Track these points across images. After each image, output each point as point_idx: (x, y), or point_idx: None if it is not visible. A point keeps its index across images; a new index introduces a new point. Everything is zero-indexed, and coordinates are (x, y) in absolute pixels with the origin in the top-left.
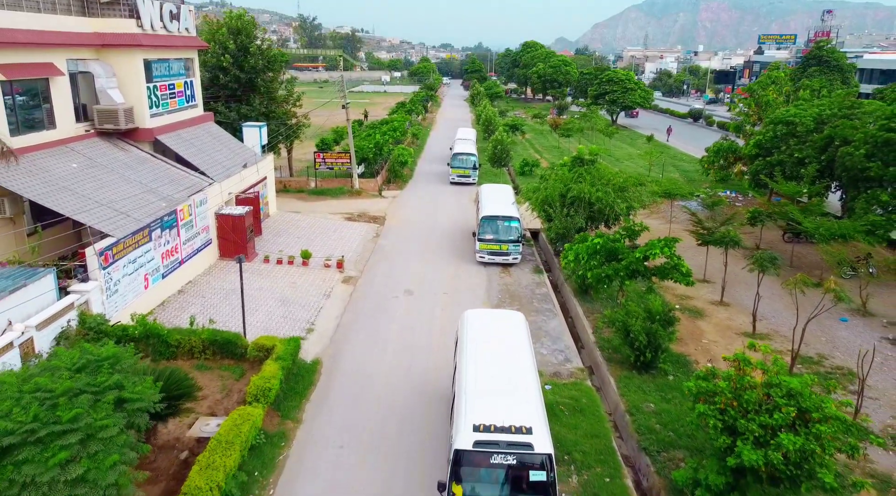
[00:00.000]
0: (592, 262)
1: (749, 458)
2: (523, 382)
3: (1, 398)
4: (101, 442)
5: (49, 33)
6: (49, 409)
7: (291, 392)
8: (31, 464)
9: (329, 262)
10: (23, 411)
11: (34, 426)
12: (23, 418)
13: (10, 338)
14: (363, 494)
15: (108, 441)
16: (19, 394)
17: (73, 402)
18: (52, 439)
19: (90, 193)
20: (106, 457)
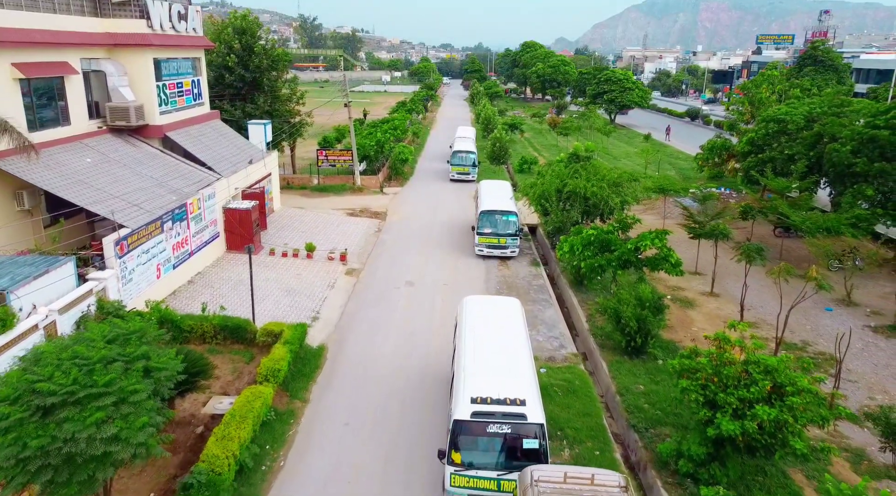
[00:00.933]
0: (586, 253)
1: (727, 429)
2: (518, 361)
3: (43, 364)
4: (132, 405)
5: (64, 33)
6: (86, 374)
7: (299, 374)
8: (72, 423)
9: (332, 255)
10: (63, 375)
11: (74, 388)
12: (63, 381)
13: (35, 321)
14: (368, 466)
15: (137, 405)
16: (59, 361)
17: (107, 369)
18: (90, 401)
19: (105, 187)
20: (136, 418)
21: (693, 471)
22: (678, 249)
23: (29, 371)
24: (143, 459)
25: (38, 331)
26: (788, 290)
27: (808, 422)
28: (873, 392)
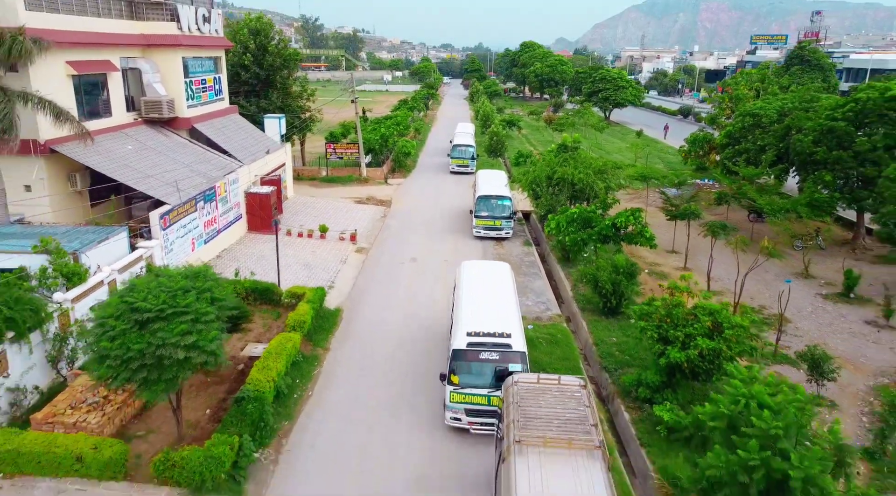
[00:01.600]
0: (570, 229)
1: (675, 357)
2: (506, 309)
3: (137, 291)
4: (204, 323)
5: (107, 34)
6: (171, 298)
7: (319, 329)
8: (162, 332)
9: (343, 236)
10: (154, 298)
11: (163, 307)
12: (154, 303)
13: (101, 277)
14: (381, 397)
15: (208, 323)
16: (149, 289)
17: (185, 295)
18: (174, 317)
19: (146, 170)
20: (208, 332)
21: (650, 397)
22: (658, 231)
23: (126, 296)
24: (211, 366)
25: (104, 286)
26: (760, 267)
27: (740, 351)
28: (813, 343)
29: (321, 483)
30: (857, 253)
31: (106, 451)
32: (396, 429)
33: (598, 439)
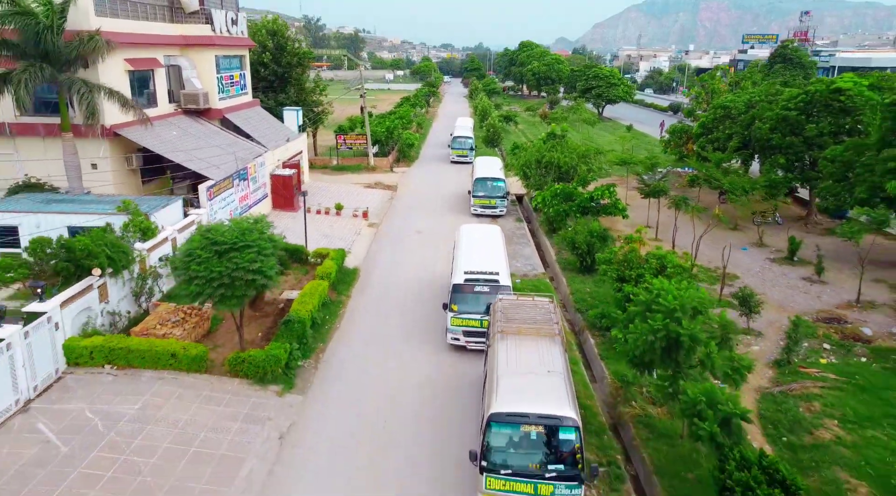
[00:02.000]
0: (554, 202)
1: (628, 290)
2: (496, 256)
3: (215, 230)
4: (265, 255)
5: (154, 36)
6: (241, 235)
7: (342, 282)
8: (235, 260)
9: (356, 213)
10: (229, 234)
11: (235, 240)
12: (228, 238)
13: (167, 234)
14: (394, 329)
15: (267, 255)
16: (225, 228)
17: (251, 233)
18: (243, 249)
19: (190, 151)
20: (268, 262)
21: (609, 325)
22: (635, 210)
23: (207, 234)
24: (269, 288)
25: (168, 241)
26: (719, 236)
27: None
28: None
29: (351, 383)
30: (809, 227)
31: (192, 351)
32: (408, 349)
33: (558, 329)
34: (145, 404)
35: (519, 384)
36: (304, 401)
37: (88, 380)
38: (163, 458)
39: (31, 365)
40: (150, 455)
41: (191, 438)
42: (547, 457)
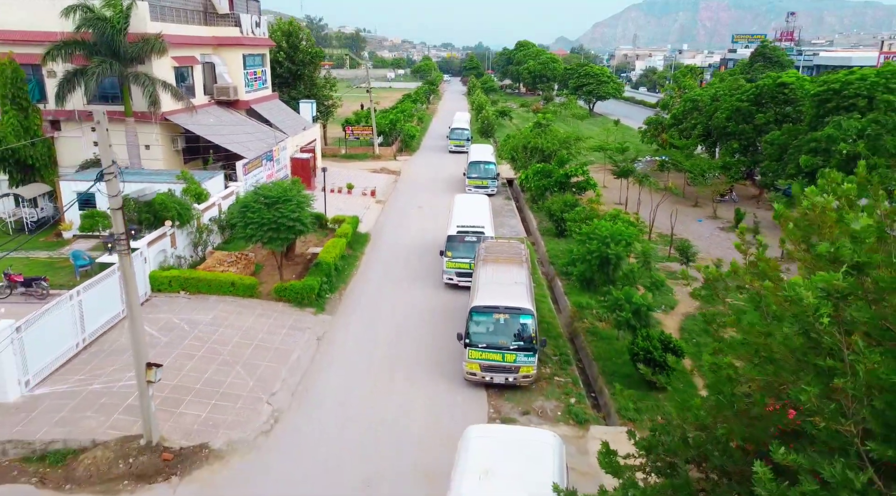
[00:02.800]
0: (535, 178)
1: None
2: (483, 216)
3: (264, 188)
4: (301, 207)
5: (193, 37)
6: (283, 192)
7: (356, 243)
8: (280, 210)
9: (365, 192)
10: (274, 190)
11: (279, 195)
12: (274, 194)
13: (213, 201)
14: (401, 274)
15: (303, 207)
16: (271, 188)
17: (291, 191)
18: (286, 202)
19: (226, 135)
20: (303, 212)
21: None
22: (610, 190)
23: (257, 191)
24: (305, 234)
25: (215, 206)
26: (682, 212)
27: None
28: (702, 254)
29: (368, 308)
30: (760, 203)
31: (246, 281)
32: (412, 288)
33: (525, 258)
34: (215, 316)
35: (493, 289)
36: (332, 319)
37: (169, 300)
38: (235, 347)
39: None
40: (226, 345)
41: (252, 337)
42: (511, 335)
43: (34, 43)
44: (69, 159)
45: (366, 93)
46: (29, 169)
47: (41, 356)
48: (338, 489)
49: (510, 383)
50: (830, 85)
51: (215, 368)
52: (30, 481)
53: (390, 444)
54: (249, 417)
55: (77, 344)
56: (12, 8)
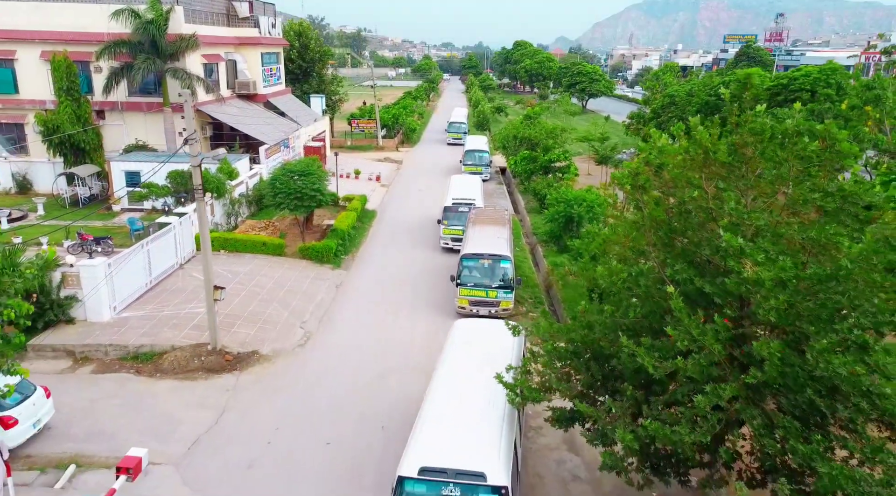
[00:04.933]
0: (522, 163)
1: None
2: (475, 191)
3: (290, 164)
4: (320, 179)
5: (219, 37)
6: (305, 166)
7: (364, 218)
8: (304, 181)
9: (371, 177)
10: (299, 166)
11: (303, 170)
12: (299, 168)
13: (242, 179)
14: (404, 241)
15: (322, 180)
16: (294, 165)
17: (311, 166)
18: (308, 174)
19: (249, 124)
20: (322, 184)
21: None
22: (594, 177)
23: (285, 166)
24: (324, 203)
25: (243, 184)
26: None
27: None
28: None
29: (377, 266)
30: None
31: (275, 242)
32: (413, 251)
33: (507, 220)
34: (251, 268)
35: (480, 241)
36: (348, 273)
37: (214, 257)
38: (270, 290)
39: (181, 243)
40: (263, 288)
41: (283, 284)
42: (493, 276)
43: (83, 42)
44: (112, 144)
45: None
46: (81, 152)
47: (124, 289)
48: (359, 379)
49: (493, 315)
50: (780, 80)
51: (257, 304)
52: (128, 372)
53: (397, 353)
54: (287, 335)
55: (146, 283)
56: (64, 11)
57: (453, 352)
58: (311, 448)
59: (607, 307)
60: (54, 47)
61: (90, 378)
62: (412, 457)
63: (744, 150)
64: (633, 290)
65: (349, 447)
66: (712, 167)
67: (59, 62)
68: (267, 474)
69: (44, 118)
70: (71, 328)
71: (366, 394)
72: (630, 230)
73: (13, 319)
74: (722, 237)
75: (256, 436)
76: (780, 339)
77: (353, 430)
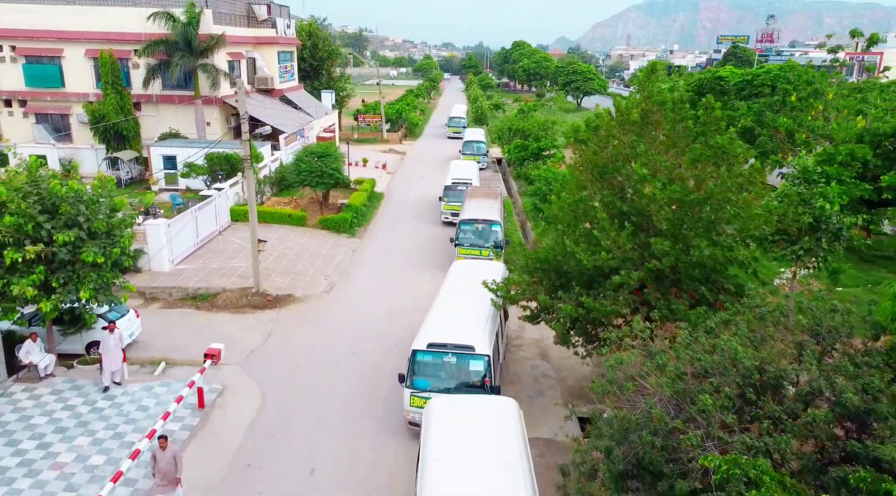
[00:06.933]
0: (515, 151)
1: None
2: (472, 173)
3: (311, 147)
4: (338, 160)
5: (241, 37)
6: (325, 149)
7: (374, 199)
8: (323, 161)
9: (377, 166)
10: (319, 148)
11: (320, 151)
12: (319, 150)
13: (266, 162)
14: (409, 218)
15: (339, 160)
16: (315, 147)
17: (329, 149)
18: (327, 156)
19: (268, 114)
20: (340, 165)
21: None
22: None
23: (307, 148)
24: (341, 181)
25: (267, 167)
26: None
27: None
28: None
29: (386, 236)
30: None
31: (299, 214)
32: (418, 225)
33: (498, 194)
34: (279, 235)
35: (474, 209)
36: (361, 241)
37: (244, 226)
38: (297, 253)
39: (219, 213)
40: (291, 251)
41: (307, 248)
42: (485, 237)
43: (122, 41)
44: (147, 133)
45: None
46: (122, 139)
47: (178, 247)
48: (374, 314)
49: None
50: (745, 76)
51: (287, 261)
52: (190, 308)
53: (406, 296)
54: (315, 284)
55: (194, 244)
56: (106, 13)
57: (453, 279)
58: (341, 356)
59: (559, 226)
60: (97, 46)
61: (160, 312)
62: (422, 337)
63: (650, 115)
64: (576, 212)
65: (370, 356)
66: (627, 125)
67: (105, 59)
68: (308, 373)
69: (91, 109)
70: (139, 275)
71: (381, 324)
72: (574, 171)
73: (128, 266)
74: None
75: (298, 349)
76: (672, 242)
77: (373, 346)
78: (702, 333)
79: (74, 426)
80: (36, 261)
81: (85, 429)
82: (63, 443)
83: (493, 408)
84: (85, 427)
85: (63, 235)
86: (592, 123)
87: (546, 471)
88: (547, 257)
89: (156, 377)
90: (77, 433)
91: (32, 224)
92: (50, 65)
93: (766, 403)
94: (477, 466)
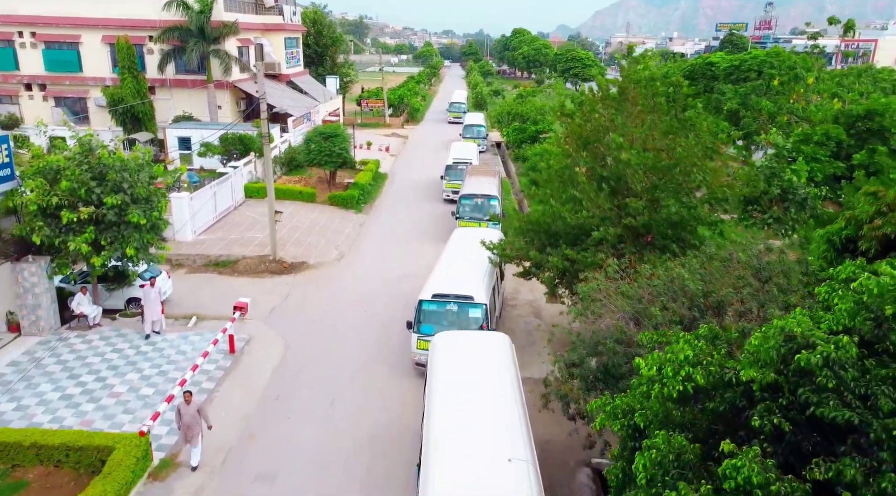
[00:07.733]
0: (513, 133)
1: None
2: (471, 154)
3: (321, 128)
4: (346, 141)
5: (249, 24)
6: (334, 130)
7: (378, 179)
8: (332, 142)
9: (381, 148)
10: (328, 129)
11: (331, 132)
12: (328, 131)
13: (276, 144)
14: (411, 197)
15: (347, 141)
16: (324, 128)
17: (338, 130)
18: (335, 137)
19: (278, 97)
20: (347, 145)
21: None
22: None
23: (318, 130)
24: (348, 161)
25: (277, 148)
26: None
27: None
28: None
29: (390, 213)
30: None
31: (309, 190)
32: (420, 202)
33: (496, 172)
34: (291, 210)
35: (474, 185)
36: (367, 217)
37: (257, 203)
38: (308, 226)
39: (235, 190)
40: (302, 224)
41: (317, 222)
42: (484, 211)
43: (137, 28)
44: (160, 116)
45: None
46: (138, 121)
47: (199, 219)
48: (382, 279)
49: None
50: (733, 62)
51: (299, 234)
52: (212, 273)
53: (411, 264)
54: (326, 254)
55: (213, 217)
56: (123, 1)
57: (454, 243)
58: (354, 315)
59: (547, 190)
60: (113, 32)
61: (185, 276)
62: (427, 288)
63: (626, 92)
64: (562, 178)
65: (381, 316)
66: (608, 101)
67: (122, 45)
68: (325, 327)
69: (110, 92)
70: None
71: (389, 289)
72: (560, 142)
73: (164, 228)
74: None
75: (314, 309)
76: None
77: (382, 305)
78: (660, 269)
79: (124, 365)
80: (87, 222)
81: (134, 368)
82: (116, 378)
83: (489, 340)
84: (133, 366)
85: (112, 199)
86: (577, 99)
87: (534, 400)
88: (538, 219)
89: (189, 328)
90: (127, 370)
91: (85, 189)
92: (69, 50)
93: (709, 321)
94: (477, 387)
